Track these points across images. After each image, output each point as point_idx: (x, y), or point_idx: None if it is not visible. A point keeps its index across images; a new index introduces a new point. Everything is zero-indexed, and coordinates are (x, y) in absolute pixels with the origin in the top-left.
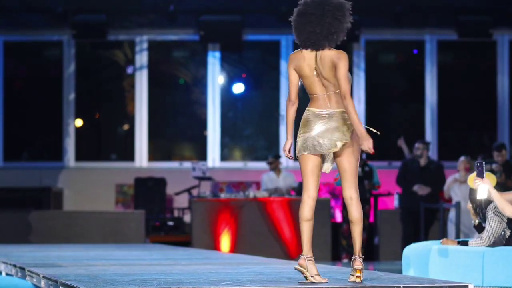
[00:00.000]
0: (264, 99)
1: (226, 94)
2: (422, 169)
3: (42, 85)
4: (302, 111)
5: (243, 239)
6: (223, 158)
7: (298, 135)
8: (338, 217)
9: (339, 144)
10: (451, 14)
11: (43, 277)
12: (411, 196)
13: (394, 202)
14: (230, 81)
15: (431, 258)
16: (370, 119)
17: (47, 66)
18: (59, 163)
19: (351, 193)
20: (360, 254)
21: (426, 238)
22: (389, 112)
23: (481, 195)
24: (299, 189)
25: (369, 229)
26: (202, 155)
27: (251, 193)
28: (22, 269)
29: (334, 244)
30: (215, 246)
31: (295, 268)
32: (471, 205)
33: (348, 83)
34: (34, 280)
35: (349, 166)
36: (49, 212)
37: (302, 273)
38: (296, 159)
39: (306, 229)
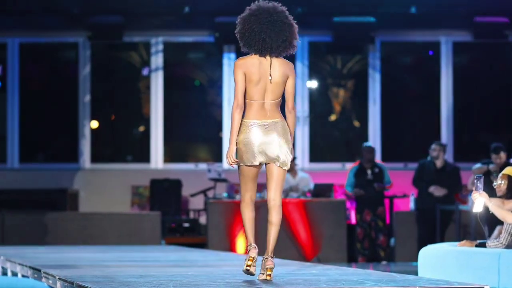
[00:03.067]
0: None
1: None
2: (438, 170)
3: (58, 87)
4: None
5: (258, 241)
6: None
7: (242, 149)
8: (354, 219)
9: (283, 152)
10: (467, 16)
11: (59, 278)
12: (427, 198)
13: (410, 203)
14: None
15: (447, 259)
16: (385, 121)
17: (63, 68)
18: (75, 164)
19: (275, 196)
20: (272, 254)
21: (442, 239)
22: (404, 113)
23: (477, 208)
24: (314, 191)
25: (384, 231)
26: (217, 156)
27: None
28: (38, 270)
29: (349, 246)
30: (231, 247)
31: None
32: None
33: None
34: (50, 281)
35: (279, 172)
36: (65, 213)
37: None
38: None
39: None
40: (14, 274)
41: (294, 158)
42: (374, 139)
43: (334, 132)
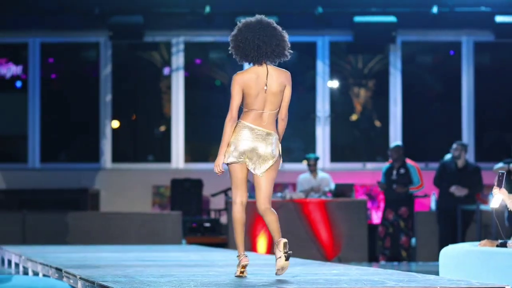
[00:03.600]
0: (300, 100)
1: None
2: (460, 170)
3: (79, 87)
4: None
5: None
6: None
7: (233, 146)
8: (375, 219)
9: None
10: (488, 15)
11: (80, 278)
12: (448, 198)
13: (431, 203)
14: None
15: (468, 259)
16: (407, 120)
17: (84, 68)
18: (96, 164)
19: (264, 201)
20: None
21: (463, 239)
22: (426, 113)
23: (494, 204)
24: (335, 191)
25: (406, 231)
26: None
27: (287, 194)
28: (59, 270)
29: (370, 246)
30: (252, 247)
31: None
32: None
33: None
34: (71, 281)
35: (263, 181)
36: (86, 213)
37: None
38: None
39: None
40: (36, 273)
41: (316, 158)
42: (395, 139)
43: (355, 132)
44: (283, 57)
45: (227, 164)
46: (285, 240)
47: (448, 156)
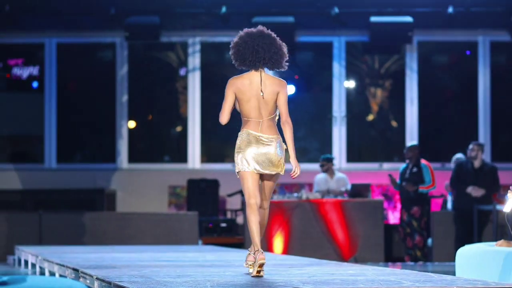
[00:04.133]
0: (317, 100)
1: None
2: (476, 170)
3: (95, 87)
4: None
5: (295, 241)
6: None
7: (241, 155)
8: (391, 219)
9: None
10: (504, 15)
11: (97, 278)
12: (465, 198)
13: (448, 203)
14: None
15: (485, 259)
16: (423, 120)
17: (100, 68)
18: (112, 164)
19: (263, 203)
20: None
21: (479, 239)
22: (442, 113)
23: (507, 208)
24: (352, 191)
25: (420, 231)
26: None
27: (304, 194)
28: (76, 270)
29: (387, 246)
30: (268, 247)
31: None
32: None
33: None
34: (88, 281)
35: (269, 184)
36: (102, 213)
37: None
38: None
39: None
40: (52, 274)
41: (331, 159)
42: (411, 139)
43: (371, 132)
44: (280, 66)
45: (237, 172)
46: (264, 260)
47: (457, 156)
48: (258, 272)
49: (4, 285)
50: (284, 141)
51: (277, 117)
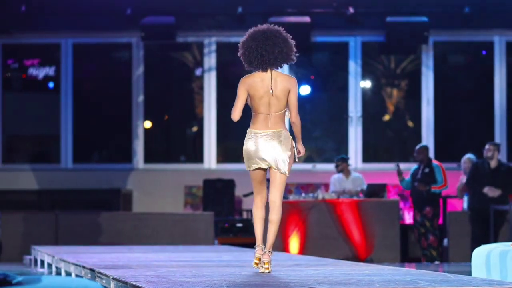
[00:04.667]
0: (333, 100)
1: None
2: (493, 171)
3: (111, 87)
4: None
5: (311, 241)
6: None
7: (248, 154)
8: (407, 219)
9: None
10: None
11: (113, 278)
12: (481, 198)
13: (463, 203)
14: (299, 83)
15: (501, 259)
16: (439, 120)
17: (116, 68)
18: (128, 164)
19: (275, 197)
20: (270, 249)
21: (495, 240)
22: (458, 113)
23: None
24: (368, 191)
25: (433, 231)
26: None
27: (320, 194)
28: (92, 270)
29: (402, 246)
30: (284, 247)
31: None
32: None
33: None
34: (104, 281)
35: (279, 177)
36: (119, 213)
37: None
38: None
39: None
40: (68, 274)
41: (346, 159)
42: (427, 139)
43: (387, 132)
44: (288, 61)
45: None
46: (258, 253)
47: (467, 156)
48: (267, 268)
49: (20, 285)
50: (294, 139)
51: (287, 116)
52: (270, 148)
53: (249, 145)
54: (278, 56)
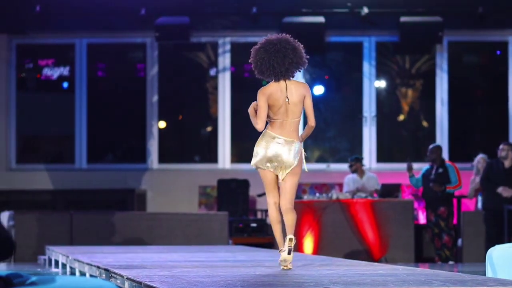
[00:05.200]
0: (347, 100)
1: None
2: (507, 171)
3: (126, 87)
4: None
5: (326, 241)
6: (306, 159)
7: (258, 152)
8: (421, 219)
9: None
10: None
11: (127, 278)
12: (495, 198)
13: (477, 203)
14: (313, 83)
15: None
16: (453, 120)
17: (131, 68)
18: (142, 165)
19: (286, 202)
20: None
21: (510, 239)
22: (473, 113)
23: None
24: (382, 191)
25: (447, 231)
26: None
27: (334, 194)
28: (106, 270)
29: (417, 246)
30: (298, 247)
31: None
32: None
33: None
34: (118, 281)
35: (289, 183)
36: (133, 213)
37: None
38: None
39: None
40: (82, 273)
41: (360, 159)
42: (441, 139)
43: (402, 132)
44: (299, 69)
45: (256, 168)
46: (291, 236)
47: (481, 155)
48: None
49: (33, 285)
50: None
51: (299, 121)
52: (280, 155)
53: (264, 144)
54: (289, 67)
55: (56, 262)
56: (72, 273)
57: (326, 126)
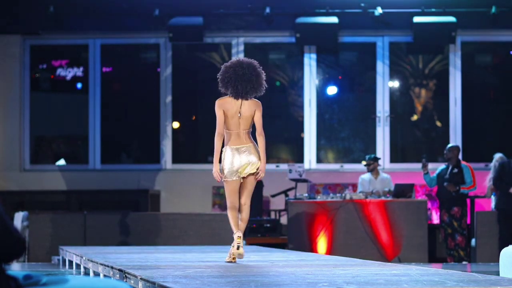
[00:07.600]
0: (360, 100)
1: (322, 96)
2: None
3: (139, 88)
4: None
5: (339, 241)
6: (319, 160)
7: (224, 164)
8: (435, 219)
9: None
10: None
11: (141, 278)
12: (508, 198)
13: (491, 204)
14: (326, 83)
15: None
16: (466, 120)
17: (144, 69)
18: (156, 165)
19: (246, 200)
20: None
21: None
22: (486, 113)
23: None
24: (395, 191)
25: (460, 231)
26: (298, 157)
27: (348, 195)
28: (120, 270)
29: (430, 246)
30: (312, 247)
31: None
32: None
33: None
34: (132, 282)
35: (249, 183)
36: (147, 214)
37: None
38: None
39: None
40: (96, 274)
41: (378, 158)
42: (455, 139)
43: (415, 132)
44: (256, 95)
45: (224, 180)
46: (241, 234)
47: (499, 154)
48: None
49: (46, 286)
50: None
51: (250, 131)
52: (244, 160)
53: (229, 159)
54: (249, 91)
55: (70, 262)
56: (86, 273)
57: (340, 127)
